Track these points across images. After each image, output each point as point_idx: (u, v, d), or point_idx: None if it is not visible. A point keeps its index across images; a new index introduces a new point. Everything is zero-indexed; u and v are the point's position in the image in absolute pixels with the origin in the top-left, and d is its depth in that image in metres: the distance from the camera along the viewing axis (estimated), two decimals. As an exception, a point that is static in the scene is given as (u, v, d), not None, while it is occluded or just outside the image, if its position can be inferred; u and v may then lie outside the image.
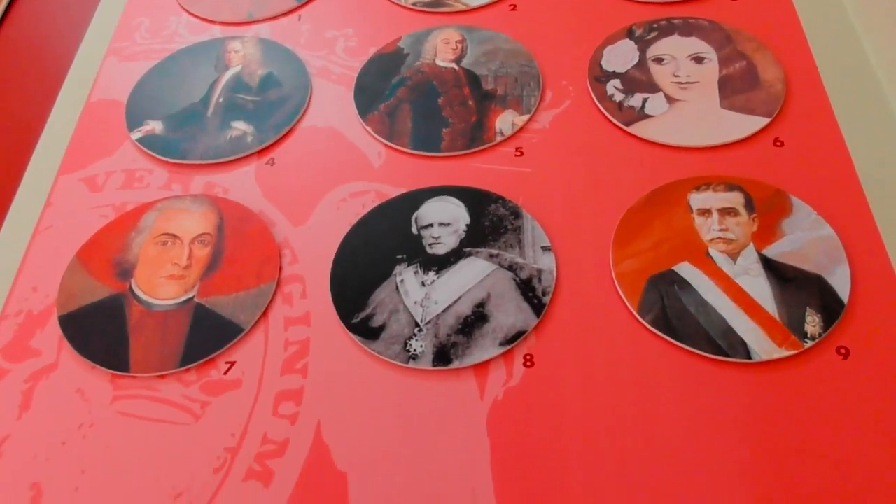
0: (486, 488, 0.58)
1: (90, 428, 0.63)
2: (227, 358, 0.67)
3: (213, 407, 0.64)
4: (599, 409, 0.61)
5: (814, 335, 0.63)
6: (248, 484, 0.60)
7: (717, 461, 0.58)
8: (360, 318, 0.68)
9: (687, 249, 0.69)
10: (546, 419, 0.61)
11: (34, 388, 0.66)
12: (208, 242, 0.74)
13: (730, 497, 0.57)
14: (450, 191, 0.76)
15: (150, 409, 0.64)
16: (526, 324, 0.66)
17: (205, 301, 0.70)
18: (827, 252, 0.68)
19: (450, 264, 0.71)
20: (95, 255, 0.74)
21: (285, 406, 0.64)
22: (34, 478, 0.61)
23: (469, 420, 0.62)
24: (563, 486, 0.58)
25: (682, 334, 0.64)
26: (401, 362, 0.65)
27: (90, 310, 0.70)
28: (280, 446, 0.61)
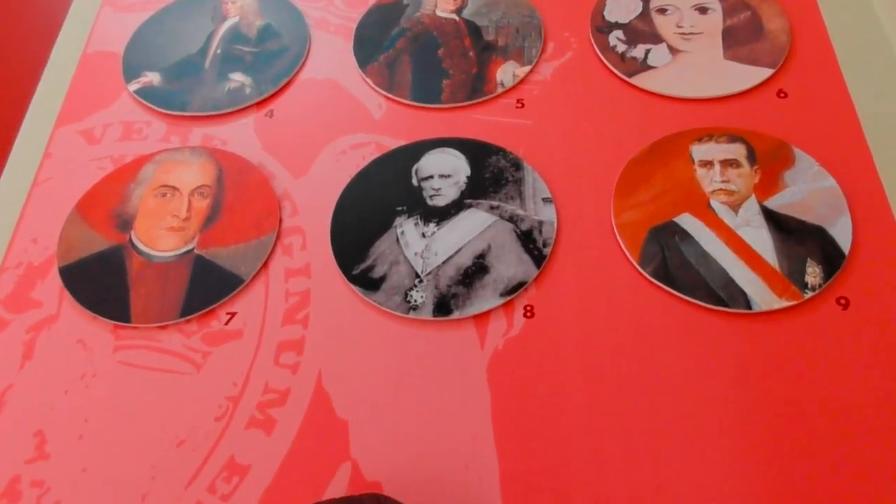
0: (486, 436, 0.59)
1: (92, 377, 0.64)
2: (227, 309, 0.67)
3: (215, 357, 0.64)
4: (599, 360, 0.62)
5: (814, 286, 0.63)
6: (250, 432, 0.60)
7: (716, 411, 0.59)
8: (361, 269, 0.68)
9: (688, 201, 0.69)
10: (546, 369, 0.62)
11: (36, 338, 0.66)
12: (207, 194, 0.74)
13: (728, 446, 0.57)
14: (450, 143, 0.76)
15: (151, 359, 0.65)
16: (526, 275, 0.66)
17: (205, 252, 0.70)
18: (829, 203, 0.68)
19: (450, 216, 0.70)
20: (95, 207, 0.74)
21: (286, 356, 0.64)
22: (38, 426, 0.61)
23: (469, 370, 0.62)
24: (563, 435, 0.58)
25: (682, 285, 0.64)
26: (401, 313, 0.65)
27: (90, 261, 0.70)
28: (281, 395, 0.62)
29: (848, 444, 0.56)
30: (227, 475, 0.58)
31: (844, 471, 0.55)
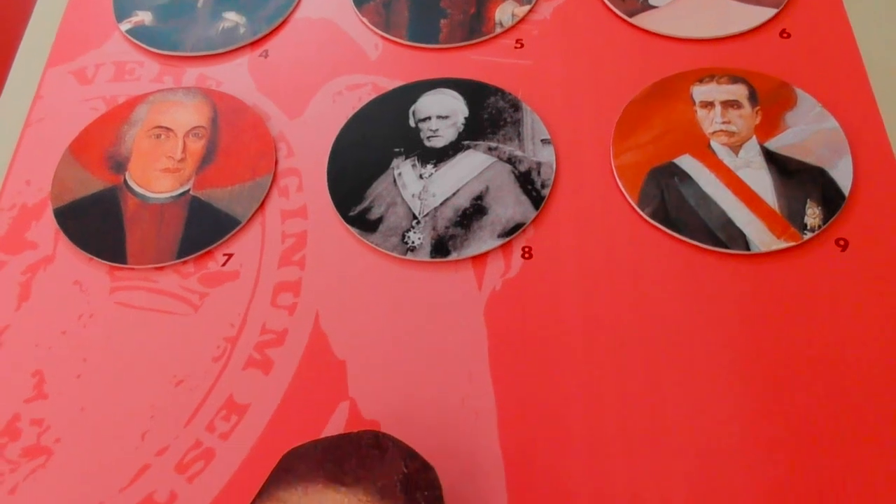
0: (483, 375, 0.59)
1: (90, 318, 0.64)
2: (224, 250, 0.67)
3: (212, 298, 0.64)
4: (597, 302, 0.62)
5: (813, 227, 0.63)
6: (248, 372, 0.60)
7: (714, 351, 0.59)
8: (358, 210, 0.67)
9: (688, 142, 0.69)
10: (544, 310, 0.62)
11: (32, 279, 0.66)
12: (202, 135, 0.73)
13: (726, 387, 0.57)
14: (448, 83, 0.75)
15: (148, 300, 0.64)
16: (525, 216, 0.66)
17: (200, 194, 0.69)
18: (830, 145, 0.67)
19: (448, 157, 0.70)
20: (88, 149, 0.73)
21: (284, 297, 0.64)
22: (36, 366, 0.62)
23: (467, 310, 0.62)
24: (561, 375, 0.59)
25: (681, 226, 0.64)
26: (399, 254, 0.65)
27: (85, 202, 0.69)
28: (279, 336, 0.62)
29: (846, 384, 0.57)
30: (225, 414, 0.59)
31: (843, 410, 0.56)
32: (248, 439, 0.57)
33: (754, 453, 0.55)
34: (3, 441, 0.58)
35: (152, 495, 0.56)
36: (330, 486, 0.49)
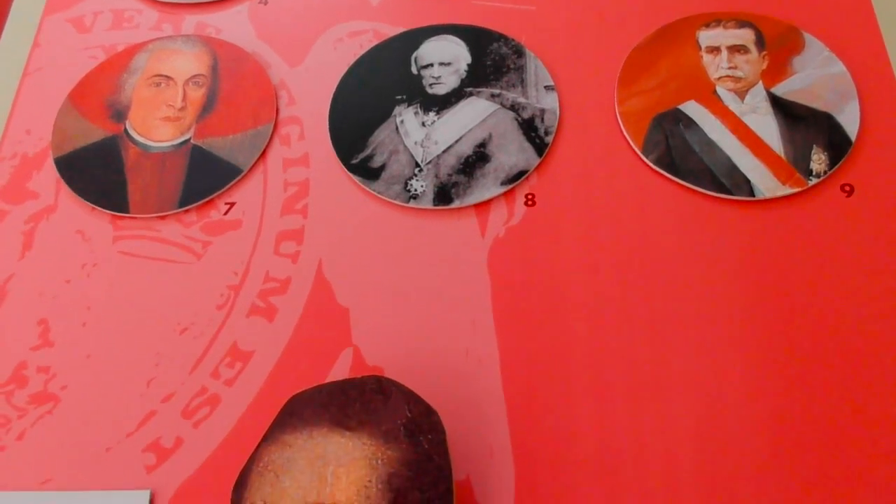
0: (486, 321, 0.59)
1: (93, 267, 0.64)
2: (226, 199, 0.66)
3: (215, 246, 0.64)
4: (601, 248, 0.61)
5: (819, 173, 0.62)
6: (252, 320, 0.61)
7: (718, 298, 0.59)
8: (360, 158, 0.67)
9: (694, 88, 0.68)
10: (547, 257, 0.61)
11: (35, 229, 0.66)
12: (202, 84, 0.72)
13: (730, 333, 0.57)
14: (450, 29, 0.74)
15: (151, 249, 0.64)
16: (528, 163, 0.65)
17: (201, 143, 0.69)
18: (837, 90, 0.66)
19: (450, 104, 0.69)
20: (88, 97, 0.72)
21: (286, 245, 0.64)
22: (41, 314, 0.62)
23: (470, 258, 0.62)
24: (563, 322, 0.59)
25: (685, 173, 0.63)
26: (401, 202, 0.64)
27: (86, 152, 0.69)
28: (282, 284, 0.62)
29: (851, 329, 0.57)
30: (230, 361, 0.59)
31: (847, 354, 0.56)
32: (252, 386, 0.58)
33: (758, 396, 0.55)
34: (10, 388, 0.59)
35: (159, 440, 0.56)
36: (335, 430, 0.50)
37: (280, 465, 0.49)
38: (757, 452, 0.53)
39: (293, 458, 0.49)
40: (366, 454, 0.48)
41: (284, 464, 0.48)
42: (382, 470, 0.48)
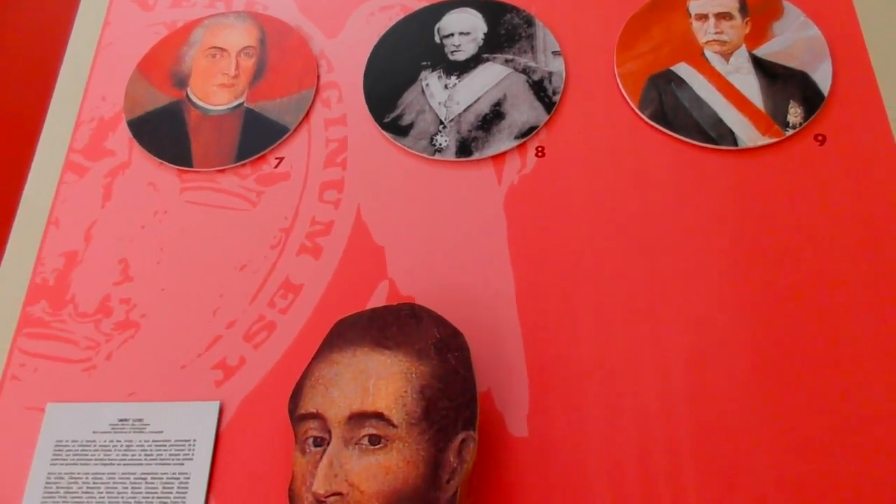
0: (502, 257, 0.59)
1: (164, 214, 0.64)
2: (276, 154, 0.66)
3: (267, 195, 0.64)
4: (603, 193, 0.61)
5: (795, 124, 0.61)
6: (301, 257, 0.61)
7: (706, 237, 0.58)
8: (391, 117, 0.66)
9: (684, 51, 0.66)
10: (556, 201, 0.61)
11: (112, 182, 0.66)
12: (252, 54, 0.71)
13: (718, 268, 0.57)
14: (469, 2, 0.72)
15: (213, 198, 0.64)
16: (538, 120, 0.64)
17: (253, 106, 0.68)
18: (812, 50, 0.65)
19: (470, 69, 0.68)
20: (154, 68, 0.71)
21: (329, 193, 0.64)
22: (121, 255, 0.62)
23: (488, 203, 0.62)
24: (570, 258, 0.58)
25: (677, 126, 0.62)
26: (428, 155, 0.64)
27: (154, 115, 0.69)
28: (326, 226, 0.62)
29: (822, 260, 0.56)
30: (283, 292, 0.59)
31: (821, 284, 0.55)
32: (303, 313, 0.58)
33: (741, 321, 0.55)
34: (98, 317, 0.59)
35: (225, 360, 0.57)
36: (375, 349, 0.50)
37: (329, 378, 0.49)
38: (740, 370, 0.53)
39: (340, 373, 0.49)
40: (402, 369, 0.49)
41: (333, 378, 0.49)
42: (416, 382, 0.48)
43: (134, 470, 0.53)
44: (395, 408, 0.47)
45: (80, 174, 0.66)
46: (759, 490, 0.49)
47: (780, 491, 0.49)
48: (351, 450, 0.46)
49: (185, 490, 0.52)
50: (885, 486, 0.48)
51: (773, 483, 0.49)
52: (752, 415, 0.51)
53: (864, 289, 0.55)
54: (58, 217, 0.64)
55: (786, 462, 0.50)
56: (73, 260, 0.62)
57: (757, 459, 0.50)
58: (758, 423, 0.51)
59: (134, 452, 0.53)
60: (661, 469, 0.50)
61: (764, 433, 0.51)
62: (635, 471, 0.51)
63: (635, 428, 0.52)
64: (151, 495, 0.52)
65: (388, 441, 0.47)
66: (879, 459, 0.49)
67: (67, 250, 0.63)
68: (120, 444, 0.54)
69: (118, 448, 0.54)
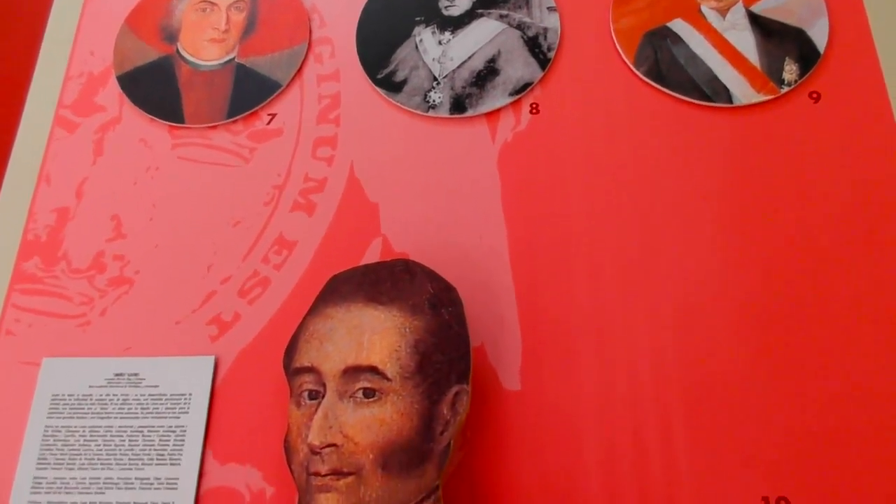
0: (496, 213, 0.59)
1: (156, 171, 0.63)
2: (268, 111, 0.65)
3: (260, 152, 0.64)
4: (597, 151, 0.61)
5: (790, 81, 0.61)
6: (294, 214, 0.61)
7: (699, 194, 0.58)
8: (385, 73, 0.66)
9: (681, 7, 0.65)
10: (550, 159, 0.61)
11: (103, 138, 0.65)
12: (243, 8, 0.70)
13: (710, 224, 0.57)
14: (463, -44, 0.71)
15: (205, 155, 0.64)
16: (532, 76, 0.64)
17: (245, 61, 0.67)
18: (809, 7, 0.64)
19: (464, 25, 0.67)
20: (143, 21, 0.70)
21: (322, 150, 0.63)
22: (114, 211, 0.62)
23: (482, 160, 0.61)
24: (563, 215, 0.58)
25: (671, 83, 0.62)
26: (421, 111, 0.63)
27: (144, 70, 0.68)
28: (320, 183, 0.62)
29: (819, 222, 0.56)
30: (277, 249, 0.59)
31: (812, 243, 0.56)
32: (297, 269, 0.58)
33: (733, 279, 0.55)
34: (91, 273, 0.59)
35: (220, 315, 0.57)
36: (369, 304, 0.50)
37: (323, 333, 0.49)
38: (731, 326, 0.53)
39: (334, 328, 0.49)
40: (396, 324, 0.49)
41: (327, 332, 0.49)
42: (410, 337, 0.49)
43: (131, 423, 0.53)
44: (389, 362, 0.48)
45: (70, 130, 0.66)
46: (749, 441, 0.50)
47: (770, 441, 0.50)
48: (345, 402, 0.47)
49: (181, 443, 0.52)
50: (882, 439, 0.49)
51: (762, 433, 0.50)
52: (743, 368, 0.52)
53: (857, 246, 0.55)
54: (48, 173, 0.64)
55: (776, 413, 0.50)
56: (65, 216, 0.62)
57: (747, 412, 0.51)
58: (748, 375, 0.52)
59: (130, 406, 0.54)
60: (652, 422, 0.51)
61: (754, 385, 0.51)
62: (627, 424, 0.51)
63: (627, 382, 0.52)
64: (149, 448, 0.52)
65: (383, 394, 0.47)
66: (874, 412, 0.50)
67: (59, 206, 0.62)
68: (116, 398, 0.54)
69: (114, 402, 0.54)
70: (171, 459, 0.52)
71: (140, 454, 0.52)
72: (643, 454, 0.50)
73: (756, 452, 0.49)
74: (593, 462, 0.50)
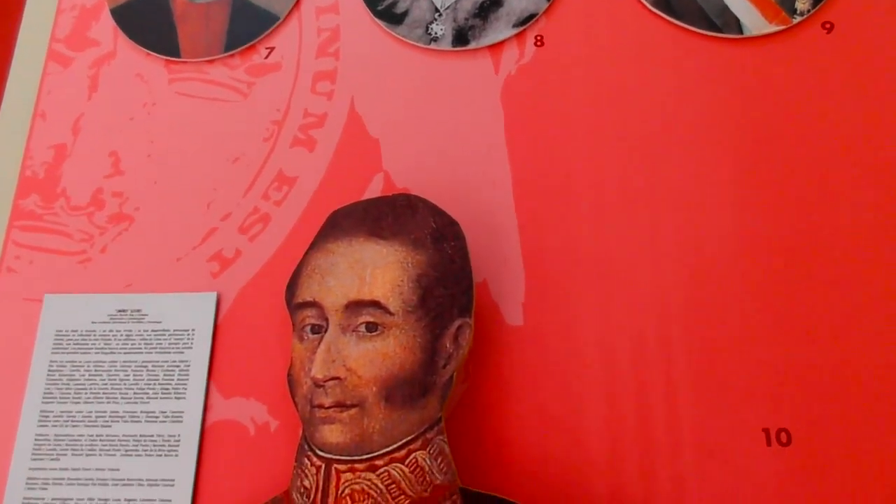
0: (499, 148, 0.58)
1: (153, 106, 0.62)
2: (266, 44, 0.64)
3: (258, 87, 0.62)
4: (603, 84, 0.59)
5: (802, 11, 0.59)
6: (294, 150, 0.60)
7: (708, 128, 0.57)
8: (385, 5, 0.64)
9: (691, -66, 0.63)
10: (554, 92, 0.59)
11: (98, 73, 0.64)
12: (238, -62, 0.68)
13: (721, 161, 0.56)
14: None
15: (202, 90, 0.63)
16: (537, 7, 0.62)
17: (241, -7, 0.65)
18: (825, -67, 0.62)
19: (466, -47, 0.65)
20: (135, -48, 0.68)
21: (322, 84, 0.62)
22: (111, 147, 0.61)
23: (485, 93, 0.60)
24: (568, 149, 0.57)
25: (680, 13, 0.60)
26: (423, 44, 0.62)
27: (138, 3, 0.66)
28: (320, 118, 0.61)
29: (831, 155, 0.55)
30: (277, 185, 0.59)
31: (827, 181, 0.55)
32: (298, 206, 0.58)
33: (741, 212, 0.54)
34: (90, 210, 0.59)
35: (221, 252, 0.57)
36: (371, 238, 0.50)
37: (325, 268, 0.49)
38: (738, 257, 0.53)
39: (336, 263, 0.49)
40: (398, 258, 0.49)
41: (329, 267, 0.49)
42: (412, 271, 0.48)
43: (135, 358, 0.53)
44: (391, 296, 0.47)
45: (64, 65, 0.64)
46: (750, 373, 0.50)
47: (770, 374, 0.50)
48: (348, 336, 0.47)
49: (185, 377, 0.53)
50: (881, 373, 0.49)
51: (764, 366, 0.50)
52: (745, 301, 0.52)
53: (869, 180, 0.54)
54: (44, 109, 0.63)
55: (778, 347, 0.50)
56: (63, 153, 0.61)
57: (749, 344, 0.51)
58: (750, 308, 0.51)
59: (134, 342, 0.54)
60: (653, 356, 0.51)
61: (756, 319, 0.51)
62: (629, 358, 0.51)
63: (629, 317, 0.52)
64: (153, 382, 0.53)
65: (386, 328, 0.47)
66: (874, 346, 0.50)
67: (56, 143, 0.61)
68: (119, 333, 0.54)
69: (118, 337, 0.54)
70: (175, 393, 0.52)
71: (145, 388, 0.52)
72: (645, 387, 0.50)
73: (757, 385, 0.49)
74: (595, 396, 0.50)
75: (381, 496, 0.45)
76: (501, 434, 0.50)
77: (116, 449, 0.51)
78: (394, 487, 0.45)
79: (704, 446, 0.48)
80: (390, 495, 0.45)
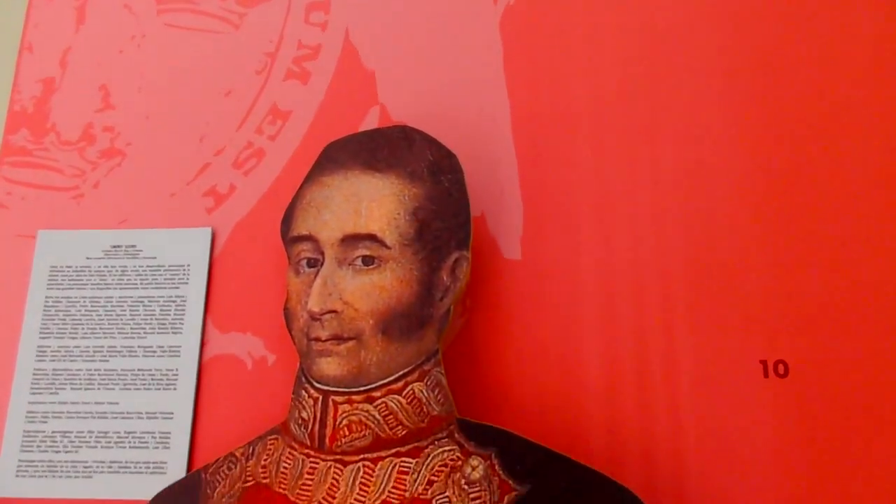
0: (498, 80, 0.56)
1: (142, 38, 0.61)
2: (257, -27, 0.62)
3: (250, 17, 0.60)
4: (603, 15, 0.57)
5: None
6: (288, 83, 0.58)
7: (706, 55, 0.55)
8: (380, -69, 0.61)
9: None
10: (554, 22, 0.57)
11: (85, 3, 0.62)
12: None
13: (716, 82, 0.55)
14: None
15: (192, 21, 0.61)
16: (537, -68, 0.60)
17: (230, -81, 0.63)
18: None
19: None
20: None
21: (315, 15, 0.60)
22: (101, 81, 0.60)
23: (483, 24, 0.58)
24: (568, 79, 0.56)
25: (686, -62, 0.58)
26: (419, -28, 0.60)
27: (123, -70, 0.63)
28: (314, 50, 0.59)
29: (829, 76, 0.54)
30: (271, 119, 0.57)
31: (826, 98, 0.53)
32: (293, 140, 0.57)
33: (740, 138, 0.53)
34: (81, 145, 0.58)
35: (215, 187, 0.56)
36: (366, 171, 0.49)
37: (320, 201, 0.48)
38: (737, 187, 0.52)
39: (331, 196, 0.48)
40: (394, 191, 0.48)
41: (324, 200, 0.48)
42: (409, 204, 0.48)
43: (130, 294, 0.53)
44: (387, 229, 0.47)
45: (50, -4, 0.62)
46: (748, 305, 0.49)
47: (769, 306, 0.49)
48: (344, 270, 0.46)
49: (182, 311, 0.52)
50: (881, 304, 0.49)
51: (762, 297, 0.50)
52: (744, 232, 0.51)
53: (871, 103, 0.53)
54: (31, 42, 0.61)
55: (776, 278, 0.50)
56: (51, 87, 0.59)
57: (747, 276, 0.50)
58: (749, 239, 0.51)
59: (129, 277, 0.54)
60: (652, 288, 0.51)
61: (755, 250, 0.51)
62: (627, 293, 0.51)
63: (628, 249, 0.52)
64: (150, 316, 0.52)
65: (382, 261, 0.46)
66: (875, 278, 0.49)
67: (44, 77, 0.60)
68: (114, 269, 0.54)
69: (113, 273, 0.54)
70: (172, 328, 0.52)
71: (141, 323, 0.52)
72: (643, 319, 0.50)
73: (755, 316, 0.49)
74: (592, 329, 0.50)
75: (378, 427, 0.45)
76: (499, 366, 0.50)
77: (115, 383, 0.51)
78: (391, 418, 0.45)
79: (702, 378, 0.48)
80: (387, 426, 0.45)
